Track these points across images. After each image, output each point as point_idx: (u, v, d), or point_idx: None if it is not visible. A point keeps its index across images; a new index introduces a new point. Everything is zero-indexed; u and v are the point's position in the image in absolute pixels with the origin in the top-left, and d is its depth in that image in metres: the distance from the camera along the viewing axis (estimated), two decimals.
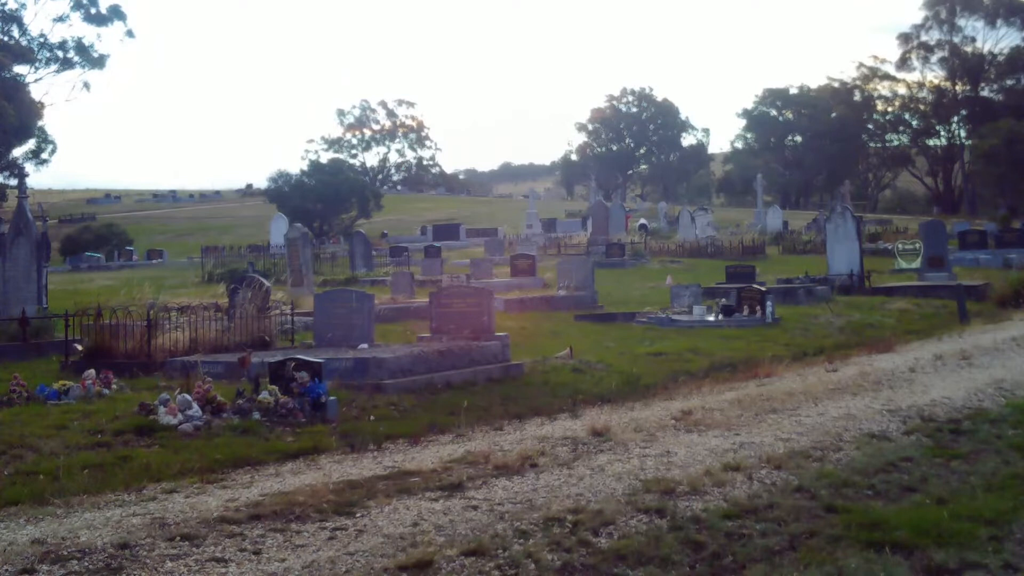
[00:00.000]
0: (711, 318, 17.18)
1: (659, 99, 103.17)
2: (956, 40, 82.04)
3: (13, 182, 50.52)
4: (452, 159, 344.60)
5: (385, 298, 19.56)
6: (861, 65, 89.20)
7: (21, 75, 63.40)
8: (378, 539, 5.70)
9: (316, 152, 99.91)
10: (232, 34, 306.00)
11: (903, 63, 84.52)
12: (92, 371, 10.50)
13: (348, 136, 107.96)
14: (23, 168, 48.49)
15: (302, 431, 8.74)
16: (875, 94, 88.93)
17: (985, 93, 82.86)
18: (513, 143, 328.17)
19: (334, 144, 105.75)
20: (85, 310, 13.26)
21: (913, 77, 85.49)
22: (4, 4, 64.36)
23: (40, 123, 64.20)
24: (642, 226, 44.62)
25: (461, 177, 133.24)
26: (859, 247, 23.89)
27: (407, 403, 10.01)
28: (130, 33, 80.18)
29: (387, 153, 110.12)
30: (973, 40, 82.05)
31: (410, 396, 10.30)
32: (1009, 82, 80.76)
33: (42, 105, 64.45)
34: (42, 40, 67.03)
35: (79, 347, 12.55)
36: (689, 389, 11.31)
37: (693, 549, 5.44)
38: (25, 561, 5.34)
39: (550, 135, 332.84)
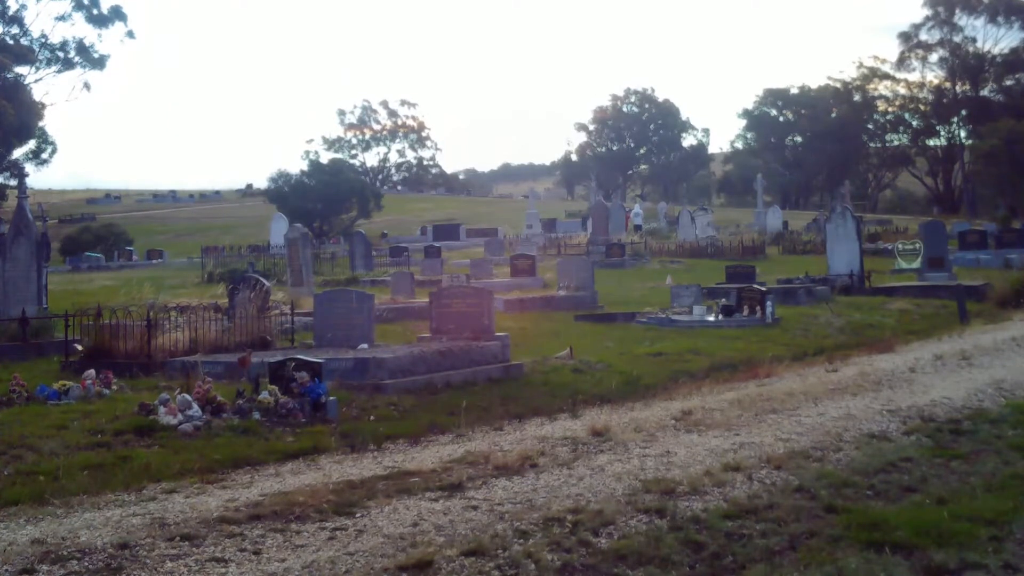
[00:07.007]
0: (711, 318, 17.17)
1: (660, 99, 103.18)
2: (956, 40, 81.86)
3: (13, 182, 50.36)
4: (452, 159, 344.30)
5: (385, 298, 19.55)
6: (861, 65, 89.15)
7: (22, 75, 63.45)
8: (378, 539, 5.70)
9: (316, 152, 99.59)
10: (232, 34, 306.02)
11: (903, 63, 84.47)
12: (92, 371, 10.50)
13: (348, 136, 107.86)
14: (23, 168, 48.63)
15: (302, 431, 8.74)
16: (875, 94, 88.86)
17: (985, 93, 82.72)
18: (513, 143, 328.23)
19: (334, 144, 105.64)
20: (85, 310, 13.26)
21: (913, 77, 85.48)
22: (5, 5, 64.40)
23: (40, 123, 64.25)
24: (636, 227, 44.56)
25: (461, 177, 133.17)
26: (859, 247, 23.87)
27: (407, 403, 10.01)
28: (131, 34, 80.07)
29: (387, 153, 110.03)
30: (973, 40, 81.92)
31: (410, 396, 10.30)
32: (1009, 82, 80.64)
33: (42, 105, 64.48)
34: (43, 40, 67.08)
35: (79, 347, 12.55)
36: (689, 389, 11.30)
37: (693, 549, 5.44)
38: (25, 561, 5.35)
39: (550, 135, 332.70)
